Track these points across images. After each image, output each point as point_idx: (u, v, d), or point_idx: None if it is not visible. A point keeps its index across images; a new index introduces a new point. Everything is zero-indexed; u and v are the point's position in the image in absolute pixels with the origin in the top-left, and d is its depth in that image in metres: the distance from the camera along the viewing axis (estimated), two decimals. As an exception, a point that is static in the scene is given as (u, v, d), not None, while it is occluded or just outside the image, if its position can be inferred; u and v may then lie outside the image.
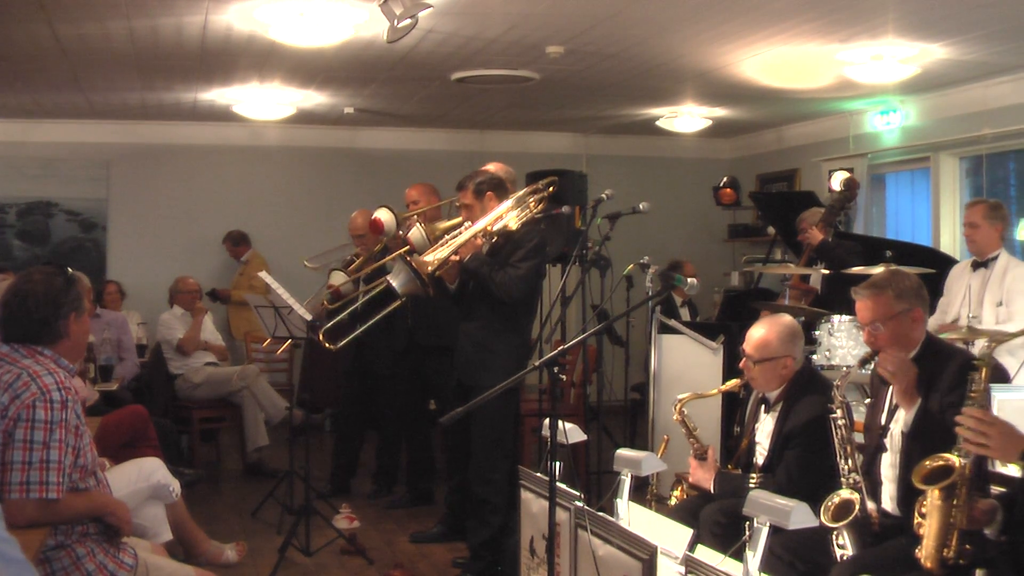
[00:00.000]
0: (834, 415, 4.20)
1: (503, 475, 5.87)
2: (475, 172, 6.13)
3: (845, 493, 3.97)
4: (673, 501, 5.23)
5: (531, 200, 6.08)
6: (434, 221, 6.60)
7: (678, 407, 5.12)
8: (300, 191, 11.96)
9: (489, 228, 5.87)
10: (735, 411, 5.49)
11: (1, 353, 3.72)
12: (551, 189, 6.22)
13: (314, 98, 9.92)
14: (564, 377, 7.82)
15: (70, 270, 3.91)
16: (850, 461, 4.14)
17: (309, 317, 6.72)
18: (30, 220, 11.41)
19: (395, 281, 5.62)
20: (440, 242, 5.91)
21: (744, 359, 4.90)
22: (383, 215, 6.74)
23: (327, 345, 6.03)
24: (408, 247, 6.12)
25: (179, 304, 9.09)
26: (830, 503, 3.92)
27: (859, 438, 4.41)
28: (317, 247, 8.31)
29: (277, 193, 11.91)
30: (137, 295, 10.61)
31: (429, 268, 5.61)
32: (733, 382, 5.13)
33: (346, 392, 8.16)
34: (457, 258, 5.80)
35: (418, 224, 6.22)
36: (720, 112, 10.53)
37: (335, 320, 6.45)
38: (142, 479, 4.98)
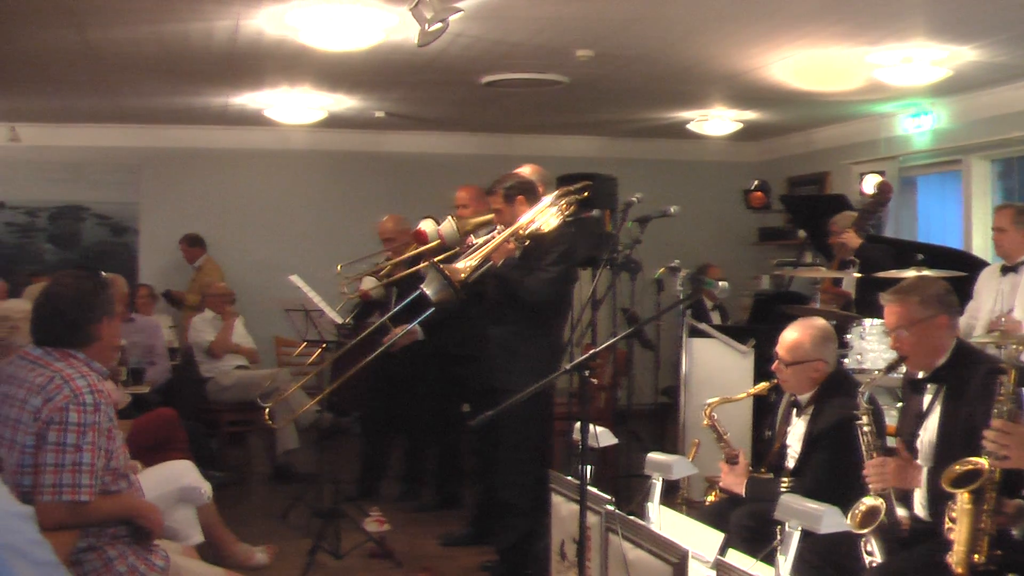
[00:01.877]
0: (859, 421, 4.18)
1: (531, 478, 5.85)
2: (505, 176, 6.11)
3: (870, 500, 3.95)
4: (707, 503, 5.21)
5: (563, 203, 6.06)
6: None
7: (708, 411, 5.10)
8: (329, 195, 11.99)
9: (521, 232, 5.85)
10: (765, 414, 5.47)
11: (33, 356, 3.73)
12: (585, 193, 6.19)
13: (344, 102, 9.94)
14: (594, 380, 7.81)
15: (103, 274, 3.93)
16: (876, 468, 4.12)
17: (340, 321, 6.73)
18: (61, 224, 11.49)
19: (428, 289, 5.59)
20: (472, 248, 5.89)
21: (776, 361, 4.88)
22: (427, 225, 6.74)
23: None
24: (433, 246, 6.14)
25: (209, 307, 9.13)
26: (856, 511, 3.91)
27: (892, 442, 4.38)
28: (346, 251, 8.32)
29: (306, 197, 11.94)
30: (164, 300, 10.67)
31: (462, 275, 5.59)
32: (762, 385, 5.11)
33: (374, 395, 8.15)
34: (489, 264, 5.79)
35: (451, 217, 6.25)
36: (750, 115, 10.48)
37: (368, 329, 6.47)
38: (173, 481, 5.00)
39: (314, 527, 6.72)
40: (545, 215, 5.91)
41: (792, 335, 4.86)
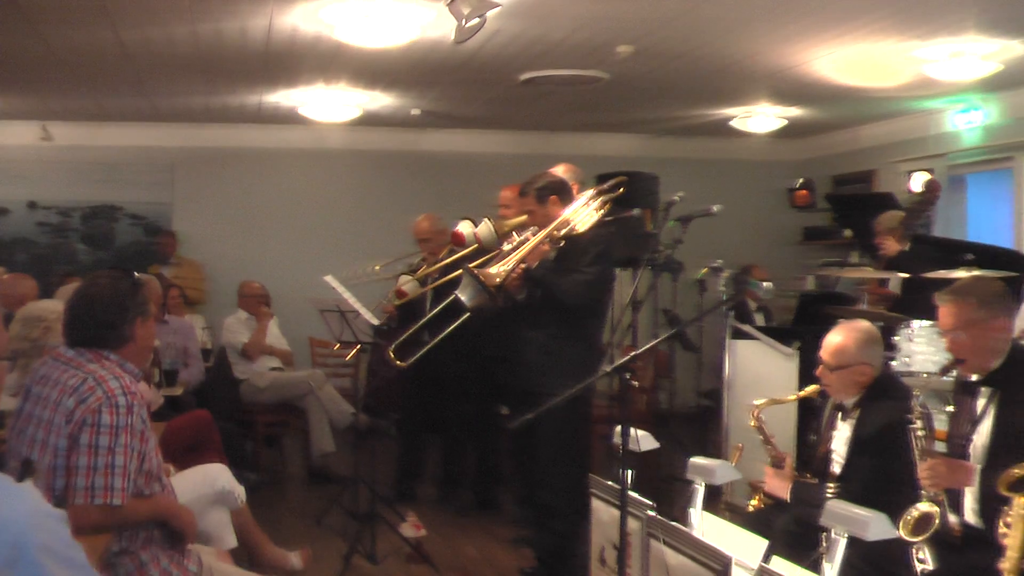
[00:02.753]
0: (912, 425, 4.13)
1: (569, 482, 5.84)
2: (536, 176, 6.09)
3: (924, 506, 3.91)
4: (751, 509, 5.18)
5: (598, 202, 6.04)
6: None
7: (755, 412, 5.06)
8: (364, 194, 12.03)
9: (555, 233, 5.83)
10: (810, 418, 5.43)
11: (66, 357, 3.75)
12: (620, 191, 6.17)
13: (380, 100, 9.96)
14: (635, 383, 7.77)
15: (136, 274, 3.94)
16: (929, 472, 4.07)
17: (376, 322, 6.74)
18: (94, 224, 11.58)
19: (463, 295, 5.59)
20: (506, 252, 5.88)
21: (820, 366, 4.84)
22: (464, 227, 6.73)
23: (398, 363, 6.04)
24: (471, 250, 6.14)
25: (244, 308, 9.17)
26: (909, 517, 3.86)
27: (940, 447, 4.34)
28: (382, 251, 8.35)
29: (341, 196, 11.99)
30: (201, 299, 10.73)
31: (497, 280, 5.57)
32: (812, 388, 5.05)
33: (411, 397, 8.16)
34: (524, 267, 5.78)
35: (487, 220, 6.23)
36: (794, 112, 10.42)
37: (405, 335, 6.45)
38: (207, 484, 5.01)
39: (350, 531, 6.74)
40: (580, 215, 5.89)
41: (836, 339, 4.81)
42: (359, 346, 7.18)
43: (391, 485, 8.06)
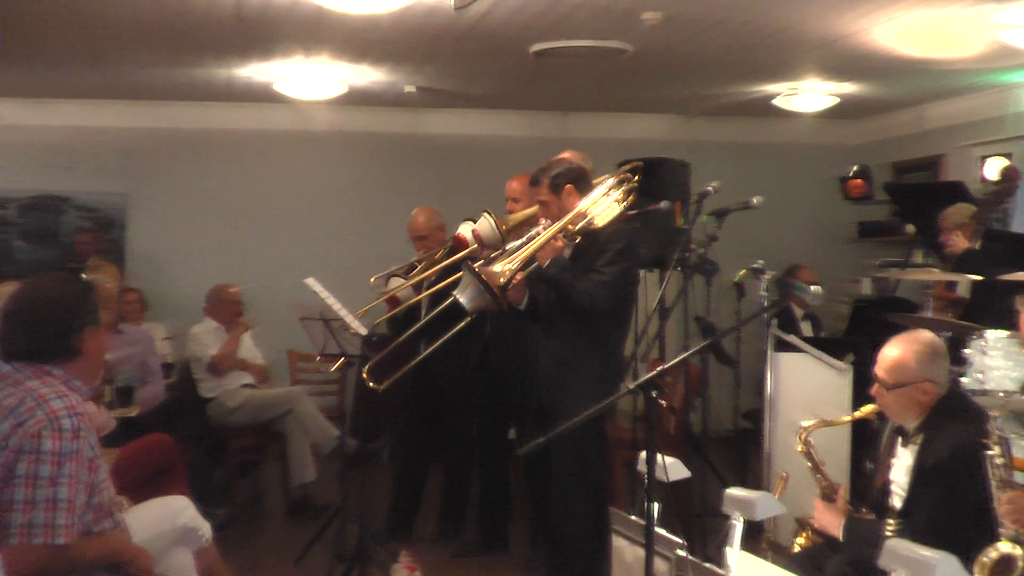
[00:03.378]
0: (990, 451, 4.09)
1: (587, 516, 5.83)
2: (550, 163, 6.11)
3: (1005, 547, 3.88)
4: (797, 549, 5.15)
5: (620, 192, 6.01)
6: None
7: (803, 436, 5.04)
8: (353, 183, 12.01)
9: (570, 227, 5.82)
10: (867, 443, 5.40)
11: (2, 373, 3.72)
12: (635, 178, 6.16)
13: (369, 75, 9.94)
14: (663, 402, 7.76)
15: (85, 276, 3.92)
16: (1010, 507, 4.04)
17: (364, 331, 6.72)
18: (36, 217, 11.46)
19: (462, 296, 5.60)
20: (513, 248, 5.86)
21: (876, 384, 4.81)
22: (466, 230, 6.72)
23: (372, 384, 6.05)
24: (470, 251, 6.12)
25: (215, 317, 9.15)
26: (985, 559, 3.83)
27: (1021, 478, 4.31)
28: (374, 248, 8.36)
29: (326, 186, 11.97)
30: (161, 306, 10.69)
31: (500, 280, 5.57)
32: (870, 408, 5.01)
33: (407, 416, 8.14)
34: (534, 265, 5.77)
35: (486, 214, 6.21)
36: (848, 88, 10.39)
37: (385, 351, 6.44)
38: (167, 521, 4.98)
39: (335, 573, 6.72)
40: (599, 207, 5.89)
41: (893, 352, 4.78)
42: (345, 359, 7.16)
43: (383, 519, 8.04)
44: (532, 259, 5.75)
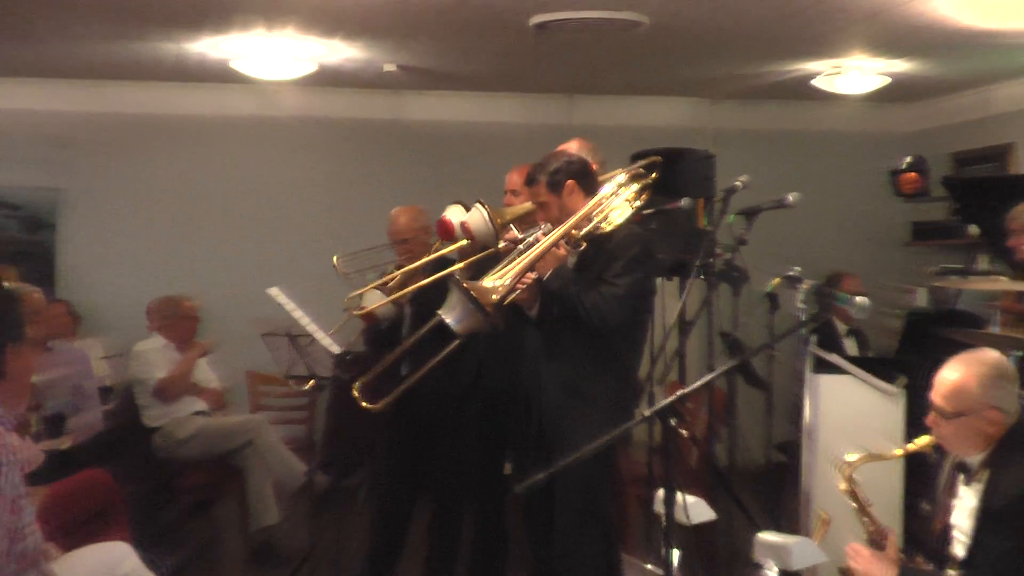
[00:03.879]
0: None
1: (596, 560, 5.83)
2: (548, 158, 6.08)
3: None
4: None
5: (633, 189, 6.01)
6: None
7: (848, 472, 5.04)
8: (325, 178, 12.03)
9: (574, 232, 5.82)
10: (922, 481, 5.40)
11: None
12: (653, 175, 6.15)
13: (341, 51, 9.94)
14: (684, 432, 7.75)
15: (7, 284, 3.92)
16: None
17: (337, 349, 6.72)
18: (-51, 216, 11.49)
19: (449, 316, 5.56)
20: (508, 259, 5.84)
21: (933, 412, 4.81)
22: (454, 213, 6.69)
23: (365, 404, 6.02)
24: (460, 245, 6.11)
25: (166, 334, 9.14)
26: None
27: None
28: (349, 251, 8.32)
29: (293, 181, 11.97)
30: (98, 319, 10.68)
31: (493, 297, 5.53)
32: (925, 440, 5.01)
33: (389, 447, 8.12)
34: (532, 277, 5.76)
35: (479, 205, 6.18)
36: (900, 66, 10.40)
37: (378, 366, 6.43)
38: (105, 571, 4.99)
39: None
40: (608, 207, 5.88)
41: (953, 375, 4.78)
42: (315, 382, 7.17)
43: (360, 567, 8.04)
44: (530, 269, 5.73)
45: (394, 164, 11.94)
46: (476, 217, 6.13)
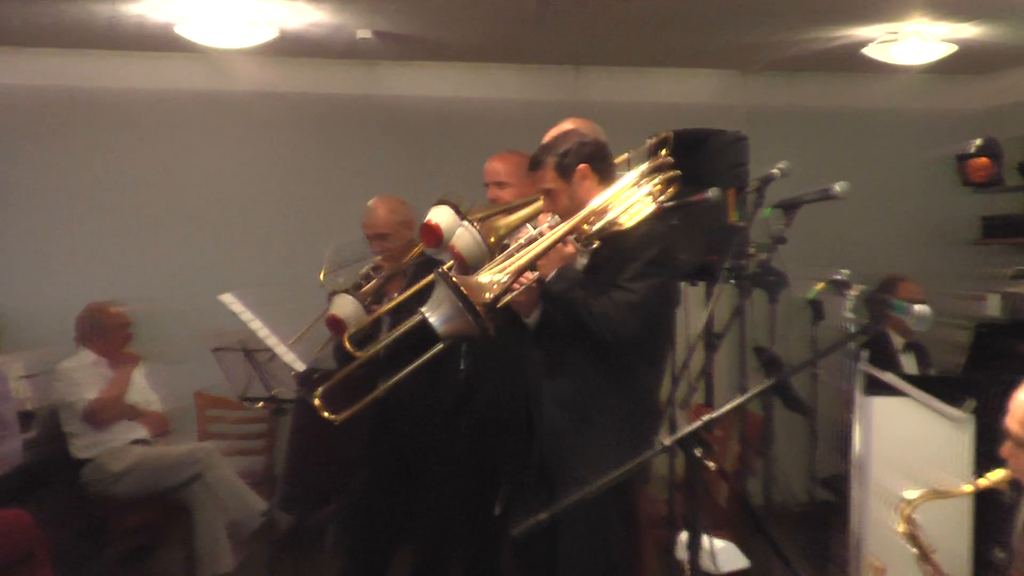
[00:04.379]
0: None
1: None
2: (557, 137, 6.05)
3: None
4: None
5: (656, 180, 5.98)
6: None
7: (907, 513, 5.04)
8: (288, 164, 12.00)
9: (586, 227, 5.78)
10: (995, 522, 5.40)
11: None
12: (663, 154, 6.11)
13: (308, 14, 9.93)
14: (712, 464, 7.74)
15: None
16: None
17: (301, 366, 6.71)
18: None
19: (434, 316, 5.51)
20: (508, 253, 5.82)
21: (1008, 441, 4.80)
22: (441, 215, 6.62)
23: (328, 415, 6.00)
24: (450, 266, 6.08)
25: (93, 347, 9.13)
26: None
27: None
28: (316, 252, 8.30)
29: (250, 167, 11.95)
30: (17, 333, 10.65)
31: (487, 295, 5.51)
32: (998, 474, 5.00)
33: (362, 481, 8.12)
34: (532, 277, 5.73)
35: (466, 223, 6.10)
36: (968, 31, 10.39)
37: (343, 371, 6.42)
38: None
39: None
40: (627, 200, 5.85)
41: (1031, 398, 4.78)
42: (275, 404, 7.16)
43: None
44: (531, 267, 5.70)
45: (369, 148, 11.92)
46: (466, 240, 6.02)
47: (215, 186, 11.84)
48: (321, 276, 7.62)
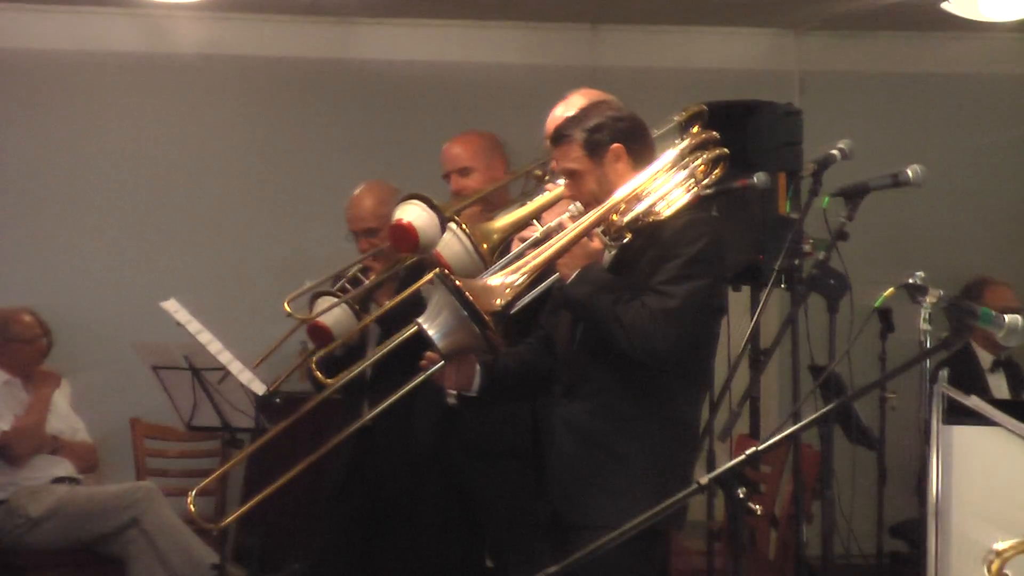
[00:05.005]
0: None
1: None
2: (587, 110, 6.01)
3: None
4: None
5: (698, 163, 5.97)
6: (494, 210, 6.55)
7: (997, 566, 5.07)
8: (247, 141, 12.02)
9: (615, 218, 5.76)
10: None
11: None
12: (695, 129, 6.09)
13: (267, -39, 9.99)
14: (756, 507, 7.79)
15: None
16: None
17: (261, 389, 6.74)
18: None
19: (432, 327, 5.45)
20: (518, 252, 5.81)
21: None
22: (414, 214, 6.60)
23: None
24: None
25: (2, 365, 9.15)
26: None
27: None
28: (282, 249, 8.34)
29: (201, 145, 11.94)
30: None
31: (497, 302, 5.46)
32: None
33: (330, 527, 8.15)
34: (553, 278, 5.72)
35: (454, 225, 6.07)
36: (1071, -18, 10.44)
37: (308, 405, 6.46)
38: None
39: None
40: (664, 187, 5.84)
41: None
42: (230, 435, 7.19)
43: None
44: (549, 266, 5.67)
45: (343, 124, 11.93)
46: (452, 246, 5.96)
47: (153, 167, 11.83)
48: (286, 304, 7.57)
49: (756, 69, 11.97)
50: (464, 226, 6.02)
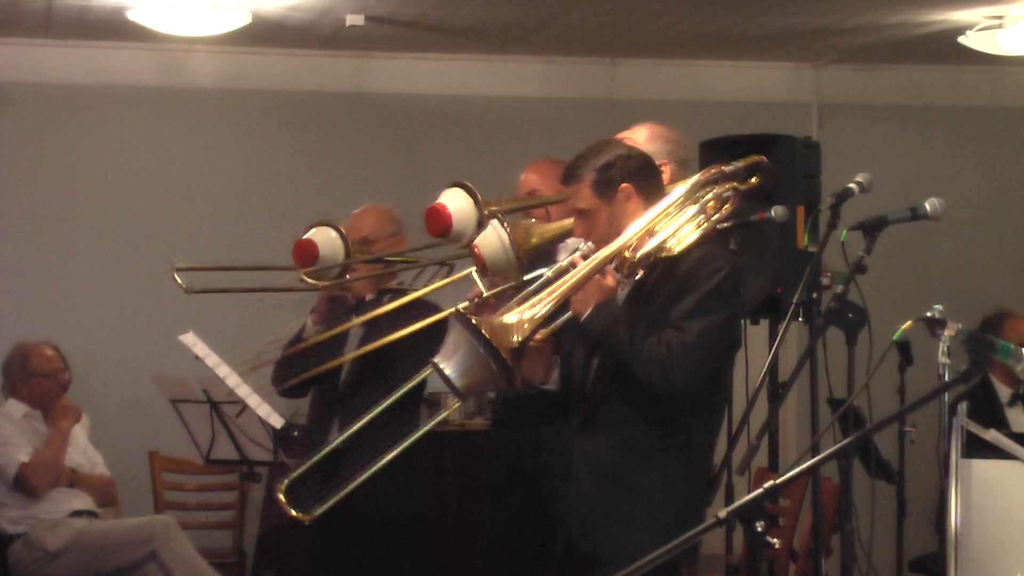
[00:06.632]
0: None
1: None
2: (597, 148, 5.99)
3: None
4: None
5: (711, 197, 5.96)
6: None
7: (1018, 604, 5.06)
8: (264, 173, 12.06)
9: (628, 254, 5.73)
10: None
11: None
12: (754, 179, 6.09)
13: (286, -3, 9.99)
14: (776, 542, 7.74)
15: None
16: None
17: (279, 423, 6.72)
18: None
19: (449, 366, 5.39)
20: (531, 289, 5.76)
21: None
22: (454, 201, 6.47)
23: (295, 513, 6.02)
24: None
25: (23, 398, 9.13)
26: None
27: None
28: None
29: (220, 177, 11.97)
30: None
31: (515, 338, 5.41)
32: None
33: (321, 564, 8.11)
34: (567, 316, 5.68)
35: (496, 222, 6.04)
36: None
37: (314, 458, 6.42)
38: None
39: None
40: (677, 222, 5.81)
41: None
42: (247, 468, 7.17)
43: None
44: (567, 301, 5.63)
45: (361, 157, 11.97)
46: (492, 243, 5.91)
47: (173, 201, 11.84)
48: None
49: (775, 102, 11.97)
50: (506, 225, 5.95)
